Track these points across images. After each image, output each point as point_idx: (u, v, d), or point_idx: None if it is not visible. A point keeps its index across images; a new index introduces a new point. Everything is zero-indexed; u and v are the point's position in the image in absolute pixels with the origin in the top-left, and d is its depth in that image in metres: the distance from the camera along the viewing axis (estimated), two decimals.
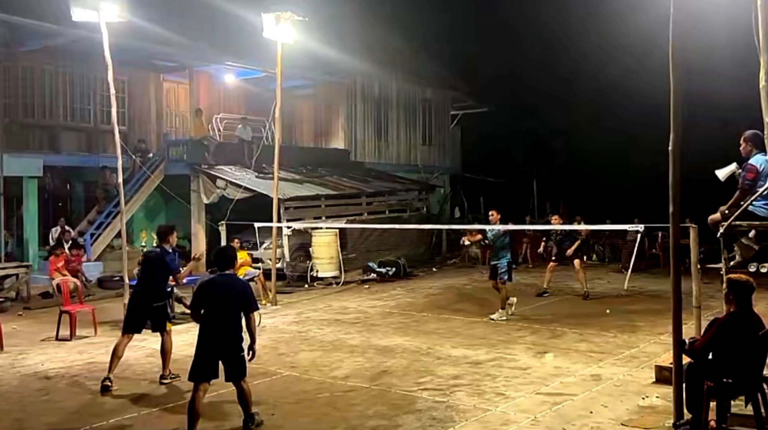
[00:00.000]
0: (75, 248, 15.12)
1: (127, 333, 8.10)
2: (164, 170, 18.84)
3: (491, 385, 7.70)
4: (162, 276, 8.21)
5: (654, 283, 15.47)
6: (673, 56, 5.97)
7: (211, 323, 6.21)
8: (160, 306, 8.08)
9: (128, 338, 8.11)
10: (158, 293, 8.11)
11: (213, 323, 6.20)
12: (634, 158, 25.82)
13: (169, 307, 8.82)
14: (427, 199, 23.61)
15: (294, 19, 13.85)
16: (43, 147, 18.14)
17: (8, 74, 17.52)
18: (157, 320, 8.06)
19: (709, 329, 5.83)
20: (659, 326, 10.47)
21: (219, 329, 6.18)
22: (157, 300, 8.06)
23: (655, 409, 6.65)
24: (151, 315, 8.05)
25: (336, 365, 8.78)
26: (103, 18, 11.27)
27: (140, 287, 8.29)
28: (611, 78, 27.81)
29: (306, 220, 17.79)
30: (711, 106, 22.11)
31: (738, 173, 6.84)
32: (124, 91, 19.54)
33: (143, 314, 8.07)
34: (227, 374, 6.24)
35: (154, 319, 8.05)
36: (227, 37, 18.87)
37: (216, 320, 6.20)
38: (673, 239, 6.07)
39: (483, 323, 11.45)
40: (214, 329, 6.19)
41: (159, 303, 8.07)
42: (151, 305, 8.01)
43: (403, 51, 24.73)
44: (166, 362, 8.05)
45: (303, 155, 22.29)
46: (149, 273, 8.21)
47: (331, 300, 14.49)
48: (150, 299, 8.03)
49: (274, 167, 14.67)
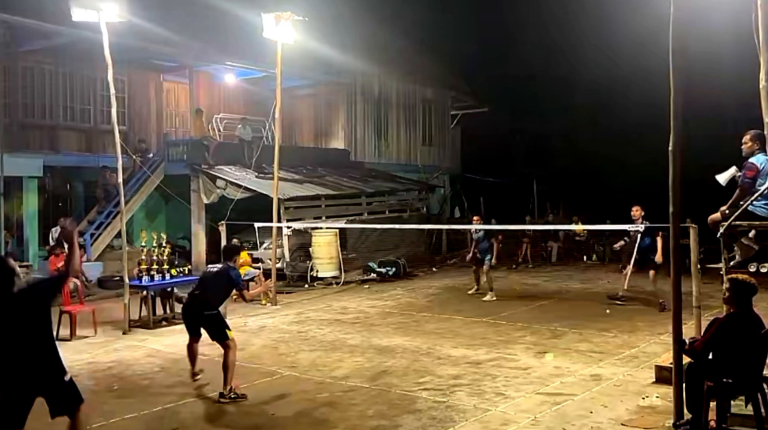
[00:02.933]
0: None
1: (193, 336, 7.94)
2: (164, 170, 18.82)
3: (491, 385, 7.70)
4: (222, 291, 7.94)
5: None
6: (673, 56, 5.97)
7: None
8: (213, 315, 7.70)
9: (194, 340, 7.94)
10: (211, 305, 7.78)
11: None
12: (634, 158, 25.81)
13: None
14: (427, 199, 23.61)
15: (294, 19, 13.86)
16: (43, 147, 18.13)
17: (8, 74, 17.50)
18: (214, 329, 7.68)
19: (709, 329, 5.83)
20: (659, 326, 10.46)
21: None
22: (209, 309, 7.72)
23: (655, 409, 6.65)
24: (204, 324, 7.74)
25: (336, 365, 8.79)
26: (103, 18, 11.27)
27: (193, 298, 7.94)
28: (611, 78, 27.83)
29: (306, 220, 17.79)
30: (711, 106, 22.13)
31: (738, 175, 6.84)
32: (124, 91, 19.53)
33: (196, 322, 7.83)
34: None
35: (210, 329, 7.71)
36: (227, 37, 18.86)
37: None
38: (673, 239, 6.07)
39: (483, 323, 11.45)
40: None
41: (211, 312, 7.71)
42: (203, 313, 7.69)
43: (403, 51, 24.72)
44: (228, 378, 7.40)
45: (303, 155, 22.29)
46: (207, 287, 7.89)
47: (331, 300, 14.49)
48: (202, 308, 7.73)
49: (274, 167, 14.68)
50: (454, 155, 29.26)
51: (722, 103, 23.33)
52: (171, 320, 11.77)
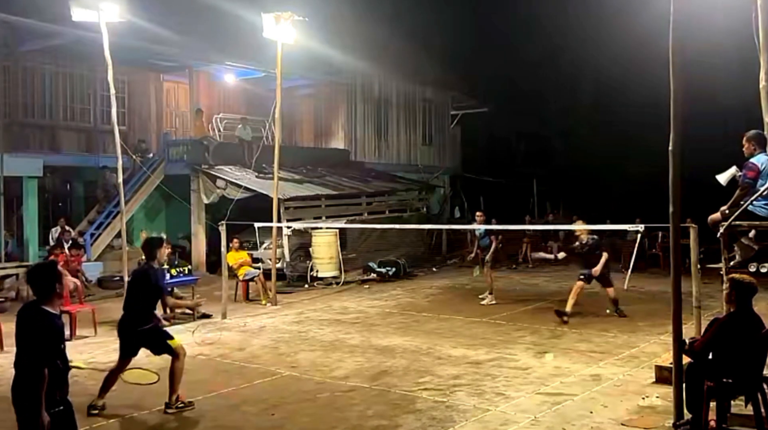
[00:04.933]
0: (75, 248, 15.10)
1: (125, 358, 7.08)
2: (164, 170, 18.83)
3: (491, 385, 7.70)
4: (146, 296, 7.05)
5: (654, 283, 15.45)
6: (673, 57, 5.97)
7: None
8: (149, 329, 6.97)
9: (126, 363, 7.07)
10: (144, 317, 7.00)
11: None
12: (634, 158, 25.83)
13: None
14: (427, 200, 23.62)
15: (294, 19, 13.86)
16: (43, 147, 18.14)
17: (8, 74, 17.52)
18: (155, 344, 7.01)
19: (709, 329, 5.83)
20: (659, 326, 10.46)
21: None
22: (143, 323, 6.96)
23: (655, 409, 6.65)
24: (142, 341, 7.00)
25: (336, 365, 8.78)
26: (103, 18, 11.29)
27: (125, 310, 7.15)
28: (611, 78, 27.86)
29: (306, 220, 17.78)
30: (711, 106, 22.14)
31: (738, 175, 6.84)
32: (124, 91, 19.54)
33: (134, 341, 7.01)
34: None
35: (151, 344, 7.02)
36: (227, 37, 18.86)
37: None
38: (673, 239, 6.07)
39: (483, 323, 11.45)
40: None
41: (146, 326, 6.96)
42: (137, 329, 6.94)
43: (403, 51, 24.73)
44: (174, 387, 6.89)
45: (303, 155, 22.28)
46: (133, 293, 7.13)
47: (331, 300, 14.49)
48: (135, 324, 6.97)
49: (274, 167, 14.67)
50: (454, 155, 29.26)
51: (722, 103, 23.34)
52: (171, 320, 11.75)
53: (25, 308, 4.38)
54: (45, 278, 4.36)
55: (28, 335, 4.25)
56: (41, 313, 4.25)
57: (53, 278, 4.36)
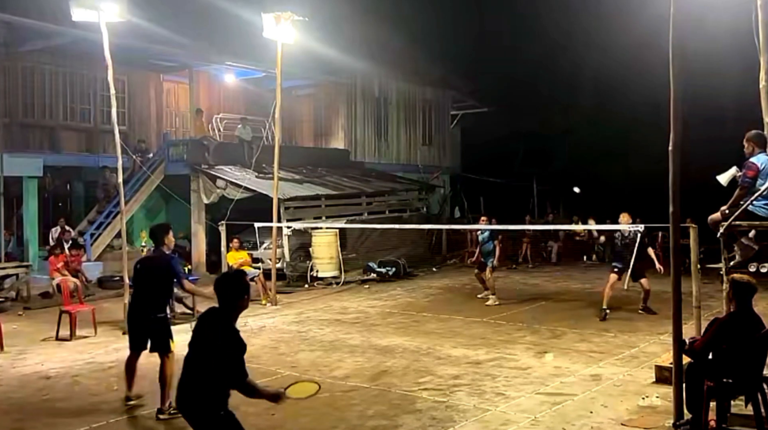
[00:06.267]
0: (75, 248, 15.11)
1: (134, 351, 7.21)
2: (164, 170, 18.83)
3: (491, 385, 7.70)
4: (164, 282, 7.17)
5: (654, 283, 15.43)
6: (673, 56, 5.97)
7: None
8: (161, 318, 7.07)
9: (137, 355, 7.23)
10: (160, 304, 7.12)
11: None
12: (634, 158, 25.83)
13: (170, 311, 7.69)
14: (427, 199, 23.60)
15: (294, 19, 13.85)
16: (43, 147, 18.15)
17: (8, 74, 17.53)
18: (158, 337, 7.03)
19: (709, 329, 5.83)
20: (659, 326, 10.46)
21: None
22: (158, 311, 7.06)
23: (655, 409, 6.64)
24: (151, 330, 7.05)
25: (336, 365, 8.78)
26: (103, 18, 11.26)
27: (136, 298, 7.27)
28: (611, 78, 27.85)
29: (306, 220, 17.78)
30: (711, 106, 22.14)
31: (739, 175, 6.84)
32: (124, 91, 19.54)
33: (144, 330, 7.09)
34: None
35: (155, 335, 7.04)
36: (227, 37, 18.87)
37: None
38: (673, 239, 6.07)
39: (483, 323, 11.45)
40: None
41: (160, 314, 7.07)
42: (150, 316, 7.01)
43: (403, 51, 24.73)
44: (166, 392, 6.74)
45: (303, 155, 22.28)
46: (147, 281, 7.14)
47: (331, 300, 14.49)
48: (150, 310, 7.03)
49: (274, 167, 14.67)
50: (454, 155, 29.26)
51: (722, 103, 23.34)
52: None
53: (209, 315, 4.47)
54: (234, 288, 4.45)
55: (215, 345, 4.37)
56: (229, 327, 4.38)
57: (243, 289, 4.49)
